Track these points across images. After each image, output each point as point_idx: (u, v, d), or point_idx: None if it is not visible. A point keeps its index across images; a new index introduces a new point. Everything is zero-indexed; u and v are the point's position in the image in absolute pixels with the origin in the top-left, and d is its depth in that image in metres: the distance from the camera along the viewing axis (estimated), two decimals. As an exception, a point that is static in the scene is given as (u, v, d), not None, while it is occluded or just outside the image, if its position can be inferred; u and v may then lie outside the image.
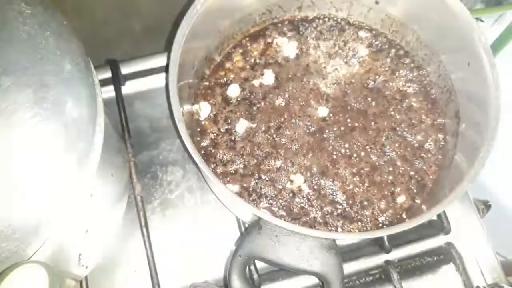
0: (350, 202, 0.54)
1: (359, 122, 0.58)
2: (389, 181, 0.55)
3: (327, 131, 0.57)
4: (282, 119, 0.57)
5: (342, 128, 0.57)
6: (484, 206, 0.62)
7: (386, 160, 0.56)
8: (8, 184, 0.34)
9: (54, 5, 0.42)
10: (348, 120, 0.58)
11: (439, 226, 0.59)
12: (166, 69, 0.61)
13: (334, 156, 0.56)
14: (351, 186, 0.54)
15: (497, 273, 0.57)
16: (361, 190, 0.54)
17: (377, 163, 0.56)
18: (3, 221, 0.34)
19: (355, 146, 0.56)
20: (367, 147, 0.56)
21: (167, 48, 0.59)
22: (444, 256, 0.59)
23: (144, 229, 0.55)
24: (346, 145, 0.56)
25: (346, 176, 0.55)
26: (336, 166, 0.55)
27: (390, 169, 0.55)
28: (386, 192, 0.54)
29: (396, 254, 0.58)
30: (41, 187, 0.36)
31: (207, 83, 0.59)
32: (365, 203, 0.54)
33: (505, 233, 0.67)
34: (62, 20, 0.41)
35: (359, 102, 0.59)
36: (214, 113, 0.57)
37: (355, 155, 0.56)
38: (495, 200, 0.64)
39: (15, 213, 0.35)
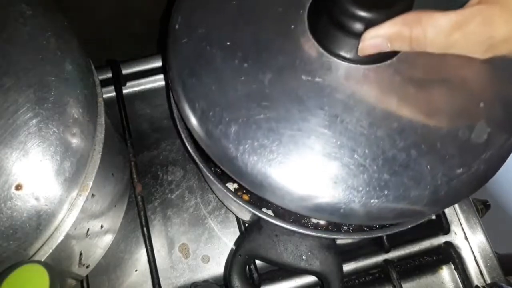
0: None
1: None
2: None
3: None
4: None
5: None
6: (483, 206, 0.62)
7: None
8: (9, 184, 0.35)
9: (54, 6, 0.42)
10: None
11: (438, 225, 0.59)
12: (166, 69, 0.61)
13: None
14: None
15: (496, 272, 0.57)
16: (361, 190, 0.54)
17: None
18: (3, 221, 0.34)
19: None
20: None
21: (168, 49, 0.59)
22: (443, 255, 0.59)
23: (145, 229, 0.55)
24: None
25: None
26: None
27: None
28: (385, 192, 0.55)
29: (395, 253, 0.58)
30: (42, 187, 0.36)
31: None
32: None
33: (504, 232, 0.67)
34: (63, 21, 0.42)
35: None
36: (214, 113, 0.57)
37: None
38: (494, 200, 0.65)
39: (15, 213, 0.35)
